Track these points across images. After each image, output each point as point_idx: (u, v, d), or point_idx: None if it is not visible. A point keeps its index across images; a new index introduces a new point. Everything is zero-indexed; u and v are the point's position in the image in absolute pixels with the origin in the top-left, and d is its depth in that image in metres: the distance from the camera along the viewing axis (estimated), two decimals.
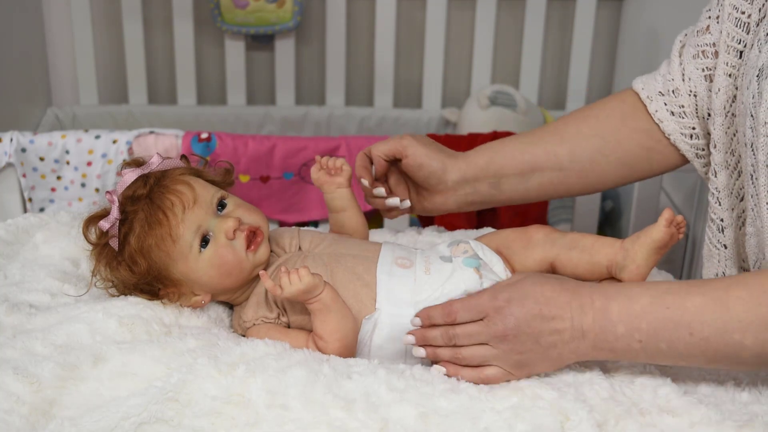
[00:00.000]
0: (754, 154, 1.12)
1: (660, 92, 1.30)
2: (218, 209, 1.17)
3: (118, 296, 1.17)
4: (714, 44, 1.23)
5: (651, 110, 1.30)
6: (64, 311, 1.13)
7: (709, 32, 1.24)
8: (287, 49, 2.68)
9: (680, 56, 1.29)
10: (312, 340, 1.12)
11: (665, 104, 1.29)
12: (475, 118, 2.55)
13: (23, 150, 2.04)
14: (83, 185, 2.11)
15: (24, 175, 2.07)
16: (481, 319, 1.06)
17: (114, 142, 2.08)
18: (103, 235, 1.16)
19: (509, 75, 2.77)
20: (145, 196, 1.14)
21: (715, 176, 1.23)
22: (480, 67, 2.71)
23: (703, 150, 1.28)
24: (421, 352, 1.10)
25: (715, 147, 1.22)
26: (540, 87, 2.79)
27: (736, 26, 1.19)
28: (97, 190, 2.11)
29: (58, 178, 2.09)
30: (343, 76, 2.71)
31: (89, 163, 2.08)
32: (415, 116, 2.68)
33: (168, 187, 1.14)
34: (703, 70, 1.25)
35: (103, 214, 1.16)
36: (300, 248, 1.22)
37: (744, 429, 0.98)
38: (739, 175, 1.20)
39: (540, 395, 1.00)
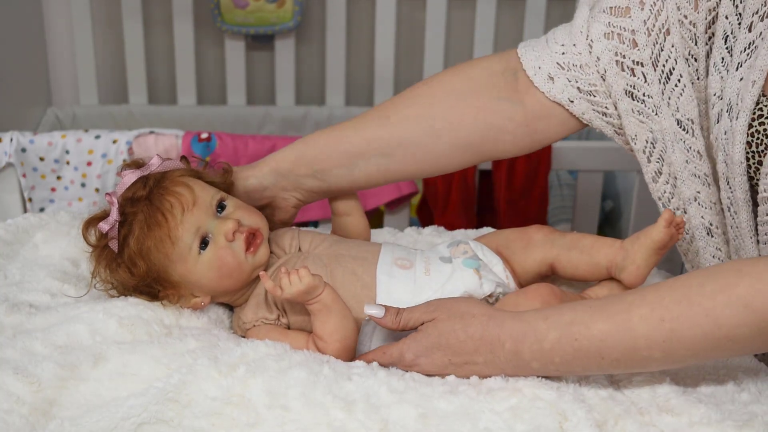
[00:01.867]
0: (730, 188, 1.12)
1: (559, 64, 1.20)
2: (218, 211, 1.17)
3: (117, 297, 1.17)
4: (634, 31, 1.15)
5: (555, 91, 1.20)
6: (64, 311, 1.13)
7: (630, 16, 1.16)
8: (287, 49, 2.68)
9: (588, 31, 1.19)
10: (312, 341, 1.12)
11: (569, 80, 1.20)
12: None
13: (23, 150, 2.05)
14: (83, 185, 2.11)
15: (24, 175, 2.07)
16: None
17: (114, 142, 2.08)
18: (103, 236, 1.16)
19: None
20: (145, 198, 1.13)
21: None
22: None
23: (622, 129, 1.21)
24: None
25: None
26: None
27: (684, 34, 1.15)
28: (97, 190, 2.11)
29: (58, 178, 2.09)
30: (343, 76, 2.71)
31: (89, 163, 2.09)
32: None
33: (167, 188, 1.14)
34: (615, 53, 1.17)
35: (103, 215, 1.16)
36: (300, 249, 1.22)
37: (744, 429, 0.98)
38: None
39: (539, 395, 1.00)
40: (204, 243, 1.14)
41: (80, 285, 1.21)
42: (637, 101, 1.17)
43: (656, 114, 1.17)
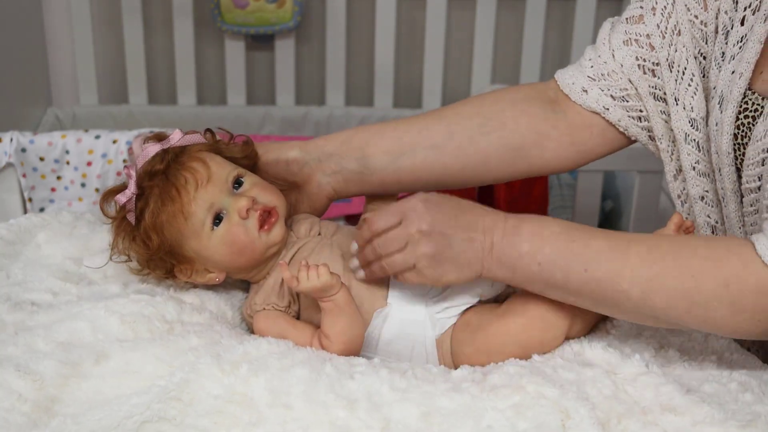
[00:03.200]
0: (722, 177, 1.14)
1: (590, 77, 1.24)
2: (234, 187, 1.17)
3: (136, 271, 1.19)
4: (648, 35, 1.20)
5: (590, 101, 1.23)
6: (66, 309, 1.13)
7: (644, 23, 1.21)
8: (287, 49, 2.68)
9: (609, 42, 1.23)
10: (318, 337, 1.12)
11: (602, 90, 1.23)
12: None
13: (23, 150, 2.04)
14: (83, 185, 2.11)
15: (24, 175, 2.06)
16: (400, 223, 1.08)
17: (114, 142, 2.08)
18: (121, 208, 1.17)
19: (509, 75, 2.77)
20: (161, 172, 1.14)
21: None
22: (480, 67, 2.71)
23: (653, 132, 1.24)
24: (360, 274, 1.13)
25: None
26: None
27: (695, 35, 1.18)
28: (97, 190, 2.11)
29: (58, 178, 2.09)
30: (343, 76, 2.71)
31: (89, 163, 2.08)
32: None
33: (184, 163, 1.15)
34: (636, 58, 1.21)
35: (122, 188, 1.17)
36: (320, 234, 1.22)
37: (747, 429, 0.98)
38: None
39: (542, 393, 1.00)
40: (218, 219, 1.15)
41: (82, 284, 1.21)
42: (659, 101, 1.21)
43: (675, 113, 1.19)
